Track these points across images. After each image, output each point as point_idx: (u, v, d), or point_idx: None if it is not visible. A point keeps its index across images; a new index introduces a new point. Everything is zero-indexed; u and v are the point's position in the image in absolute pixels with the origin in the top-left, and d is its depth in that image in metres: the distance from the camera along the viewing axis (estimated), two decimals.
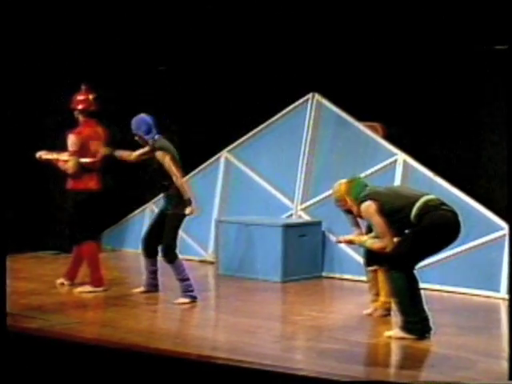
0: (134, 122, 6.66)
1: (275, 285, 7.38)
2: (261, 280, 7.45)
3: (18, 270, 7.76)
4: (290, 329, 5.87)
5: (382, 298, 6.15)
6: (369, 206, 5.53)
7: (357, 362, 5.00)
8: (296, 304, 6.67)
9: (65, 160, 6.77)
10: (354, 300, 6.98)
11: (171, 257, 6.53)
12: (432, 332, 5.48)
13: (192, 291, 6.54)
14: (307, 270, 7.65)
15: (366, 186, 5.74)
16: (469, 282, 6.99)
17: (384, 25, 7.83)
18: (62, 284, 7.04)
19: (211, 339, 5.57)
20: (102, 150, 6.87)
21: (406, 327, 5.43)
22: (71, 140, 6.79)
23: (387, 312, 6.13)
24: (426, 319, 5.48)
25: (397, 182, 7.56)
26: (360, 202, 5.60)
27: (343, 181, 5.86)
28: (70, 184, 6.83)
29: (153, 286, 6.89)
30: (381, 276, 6.11)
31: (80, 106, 6.89)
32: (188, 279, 6.56)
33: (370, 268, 6.25)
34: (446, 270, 7.11)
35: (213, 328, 6.07)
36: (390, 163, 7.68)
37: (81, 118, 6.91)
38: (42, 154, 6.88)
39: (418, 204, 5.46)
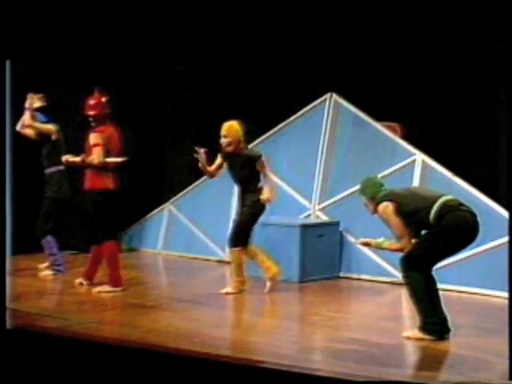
0: None
1: (293, 285, 7.38)
2: (278, 280, 7.45)
3: (37, 270, 7.82)
4: (307, 329, 5.86)
5: (235, 278, 6.77)
6: (386, 207, 5.53)
7: (375, 362, 4.99)
8: (314, 304, 6.66)
9: (92, 158, 6.78)
10: (372, 300, 6.97)
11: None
12: (450, 333, 5.45)
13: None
14: (325, 270, 7.64)
15: (382, 185, 5.74)
16: (487, 283, 6.95)
17: (403, 24, 7.81)
18: (81, 284, 7.08)
19: (229, 339, 5.59)
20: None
21: (425, 328, 5.42)
22: (94, 136, 6.80)
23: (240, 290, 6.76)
24: (444, 320, 5.46)
25: (415, 182, 7.54)
26: (378, 203, 5.60)
27: (234, 122, 6.61)
28: (87, 184, 6.86)
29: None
30: (238, 257, 6.74)
31: (93, 112, 6.86)
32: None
33: (235, 249, 6.76)
34: (464, 270, 7.08)
35: (230, 328, 6.08)
36: (409, 163, 7.65)
37: (96, 122, 6.87)
38: (69, 158, 6.90)
39: (436, 204, 5.45)
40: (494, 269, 6.96)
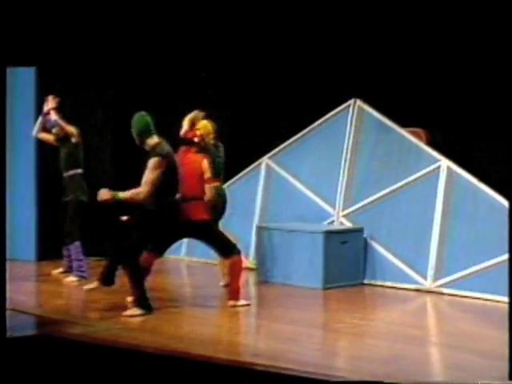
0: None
1: (316, 292, 7.39)
2: (302, 287, 7.47)
3: (61, 277, 7.91)
4: (331, 336, 5.88)
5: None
6: (159, 162, 6.06)
7: (400, 370, 4.99)
8: (337, 311, 6.68)
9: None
10: (397, 307, 6.96)
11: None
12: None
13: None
14: (349, 276, 7.65)
15: (149, 125, 6.22)
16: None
17: (427, 29, 7.81)
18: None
19: (252, 346, 5.61)
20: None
21: (142, 304, 6.22)
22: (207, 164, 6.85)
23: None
24: None
25: (440, 188, 7.52)
26: (155, 154, 6.07)
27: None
28: (206, 215, 6.67)
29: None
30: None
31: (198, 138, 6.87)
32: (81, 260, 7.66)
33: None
34: (490, 278, 7.04)
35: (254, 335, 6.11)
36: (434, 169, 7.64)
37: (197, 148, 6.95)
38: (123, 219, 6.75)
39: None
40: None
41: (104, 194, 6.10)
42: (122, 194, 6.12)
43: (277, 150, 8.71)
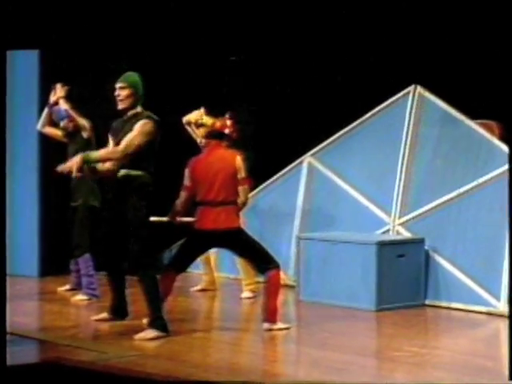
0: None
1: (368, 314, 7.39)
2: (351, 308, 7.47)
3: (68, 295, 8.00)
4: (386, 366, 5.88)
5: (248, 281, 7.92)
6: (153, 127, 6.27)
7: None
8: (394, 337, 6.68)
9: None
10: (465, 333, 6.94)
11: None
12: None
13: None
14: (407, 296, 7.63)
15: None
16: None
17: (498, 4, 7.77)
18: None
19: (292, 376, 5.63)
20: None
21: (157, 325, 6.31)
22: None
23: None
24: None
25: None
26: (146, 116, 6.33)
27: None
28: (236, 222, 6.67)
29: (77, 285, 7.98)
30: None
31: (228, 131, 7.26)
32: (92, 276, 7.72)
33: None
34: None
35: (294, 363, 6.13)
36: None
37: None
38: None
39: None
40: None
41: (71, 163, 6.22)
42: (95, 154, 6.31)
43: (321, 146, 8.72)
